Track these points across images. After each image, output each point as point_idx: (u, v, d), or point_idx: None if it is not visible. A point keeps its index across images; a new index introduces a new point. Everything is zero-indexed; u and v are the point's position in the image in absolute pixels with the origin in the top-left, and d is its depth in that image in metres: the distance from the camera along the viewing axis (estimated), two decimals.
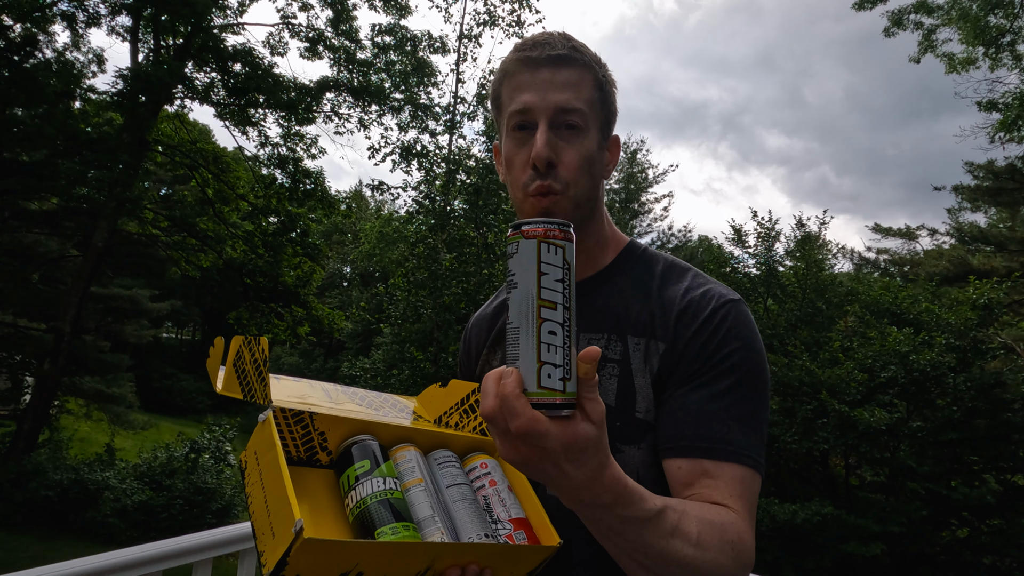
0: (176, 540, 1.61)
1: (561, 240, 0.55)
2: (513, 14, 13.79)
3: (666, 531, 0.63)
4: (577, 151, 0.87)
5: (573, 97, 0.86)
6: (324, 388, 0.99)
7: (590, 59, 0.90)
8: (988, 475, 10.26)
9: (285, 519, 0.64)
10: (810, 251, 13.81)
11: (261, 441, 0.76)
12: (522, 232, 0.55)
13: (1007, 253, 15.52)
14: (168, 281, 22.28)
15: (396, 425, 0.88)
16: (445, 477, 0.85)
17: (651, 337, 0.87)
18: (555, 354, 0.53)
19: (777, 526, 9.17)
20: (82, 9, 12.89)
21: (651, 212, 29.59)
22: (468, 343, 1.15)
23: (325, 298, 28.78)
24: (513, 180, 0.91)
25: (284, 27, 14.57)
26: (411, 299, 11.70)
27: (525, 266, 0.54)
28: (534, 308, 0.53)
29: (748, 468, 0.78)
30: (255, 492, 0.74)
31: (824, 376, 10.04)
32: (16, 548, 9.63)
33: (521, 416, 0.52)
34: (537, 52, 0.87)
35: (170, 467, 11.93)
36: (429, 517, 0.76)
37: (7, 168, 12.23)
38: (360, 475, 0.78)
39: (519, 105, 0.87)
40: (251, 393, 0.81)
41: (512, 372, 0.54)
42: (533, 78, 0.87)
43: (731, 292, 0.89)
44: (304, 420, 0.82)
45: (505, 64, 0.91)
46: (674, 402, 0.82)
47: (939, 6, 10.56)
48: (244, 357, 0.83)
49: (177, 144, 14.46)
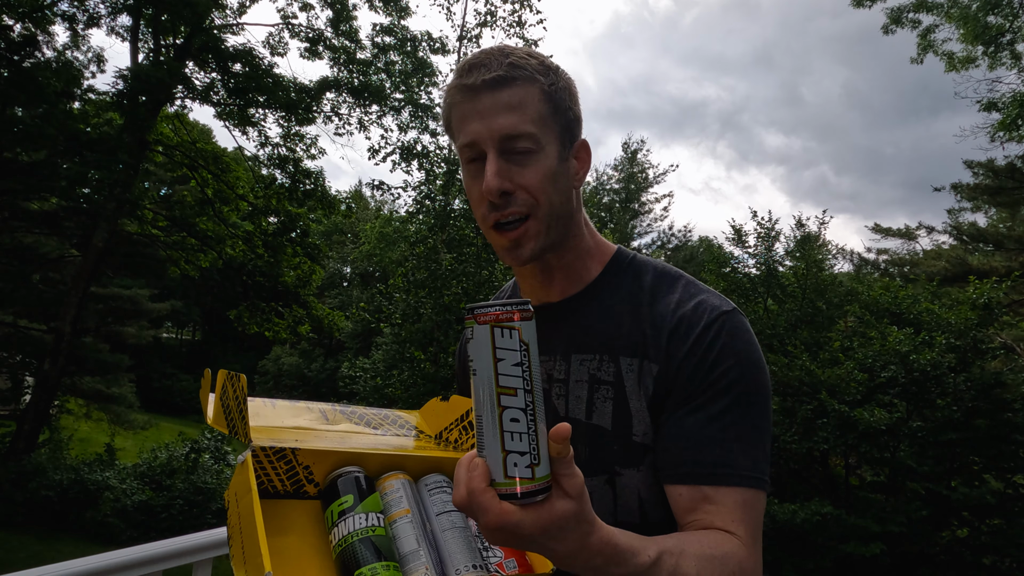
0: (176, 540, 1.61)
1: (517, 321, 0.53)
2: (514, 14, 13.80)
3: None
4: (534, 172, 0.82)
5: (518, 120, 0.81)
6: (322, 409, 0.98)
7: (532, 71, 0.82)
8: (988, 475, 10.26)
9: (256, 568, 0.63)
10: (810, 251, 13.80)
11: (240, 483, 0.75)
12: (475, 317, 0.54)
13: (1006, 252, 15.53)
14: (168, 281, 22.29)
15: (384, 453, 0.86)
16: (435, 504, 0.83)
17: (644, 358, 0.84)
18: (519, 442, 0.52)
19: (777, 526, 9.16)
20: (82, 9, 12.89)
21: (651, 212, 29.60)
22: (464, 357, 1.12)
23: (325, 298, 28.78)
24: (476, 215, 0.88)
25: (284, 27, 14.58)
26: (411, 299, 11.71)
27: (481, 353, 0.53)
28: (493, 397, 0.52)
29: (750, 489, 0.76)
30: (235, 535, 0.73)
31: (824, 376, 10.04)
32: (16, 548, 9.63)
33: (489, 512, 0.52)
34: (473, 78, 0.81)
35: (170, 467, 11.94)
36: (414, 551, 0.75)
37: (7, 168, 12.23)
38: (343, 511, 0.76)
39: (467, 138, 0.83)
40: (234, 430, 0.80)
41: (479, 464, 0.53)
42: (474, 107, 0.82)
43: (724, 302, 0.86)
44: (287, 456, 0.80)
45: (449, 92, 0.86)
46: (671, 427, 0.81)
47: (937, 4, 10.56)
48: (228, 392, 0.82)
49: (177, 144, 14.46)
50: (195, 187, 15.02)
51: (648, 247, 29.18)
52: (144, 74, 12.15)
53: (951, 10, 10.31)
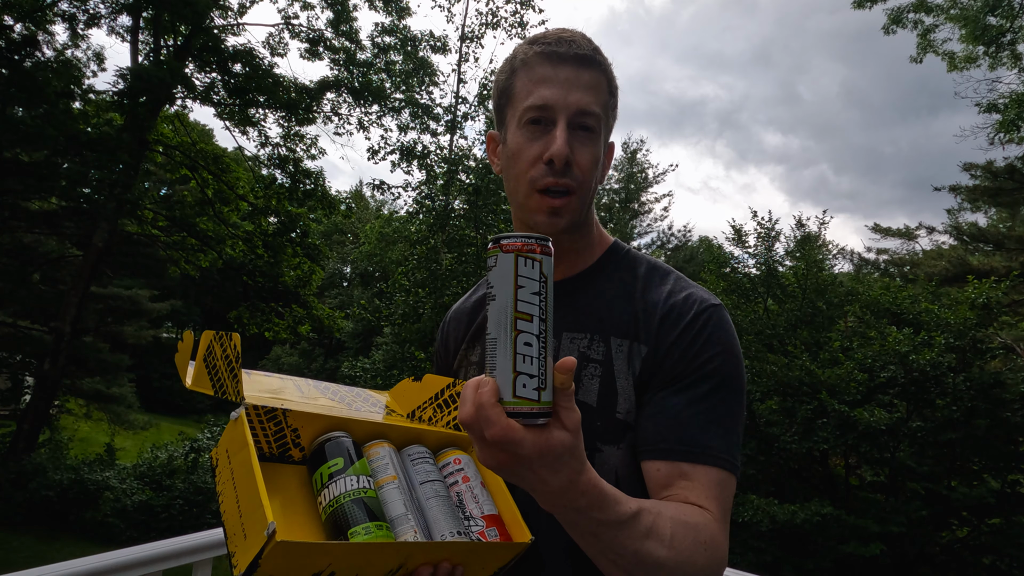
0: (176, 540, 1.61)
1: (539, 254, 0.56)
2: (516, 15, 13.79)
3: (640, 533, 0.65)
4: (590, 153, 0.88)
5: (593, 100, 0.87)
6: (296, 383, 0.98)
7: (607, 64, 0.90)
8: (987, 475, 10.26)
9: (258, 521, 0.63)
10: (810, 251, 13.80)
11: (233, 439, 0.75)
12: (501, 246, 0.56)
13: (1006, 252, 15.52)
14: (168, 281, 22.27)
15: (370, 421, 0.88)
16: (419, 473, 0.85)
17: (634, 339, 0.88)
18: (530, 365, 0.54)
19: (777, 526, 9.16)
20: (82, 9, 12.89)
21: (651, 212, 29.59)
22: (446, 337, 1.14)
23: (325, 298, 28.79)
24: (518, 173, 0.90)
25: (284, 28, 14.58)
26: (411, 299, 11.71)
27: (503, 279, 0.55)
28: (511, 320, 0.55)
29: (724, 471, 0.80)
30: (226, 491, 0.74)
31: (824, 376, 10.04)
32: (16, 548, 9.63)
33: (495, 424, 0.54)
34: (564, 48, 0.86)
35: (170, 467, 11.94)
36: (402, 515, 0.77)
37: (7, 168, 12.23)
38: (333, 473, 0.77)
39: (538, 100, 0.86)
40: (222, 389, 0.80)
41: (489, 382, 0.55)
42: (555, 74, 0.86)
43: (712, 297, 0.90)
44: (277, 417, 0.81)
45: (522, 54, 0.90)
46: (655, 405, 0.84)
47: (938, 5, 10.56)
48: (215, 352, 0.83)
49: (177, 144, 14.46)
50: (195, 187, 15.02)
51: (648, 247, 29.18)
52: (144, 74, 12.15)
53: (951, 11, 10.31)
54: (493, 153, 1.00)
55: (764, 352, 11.42)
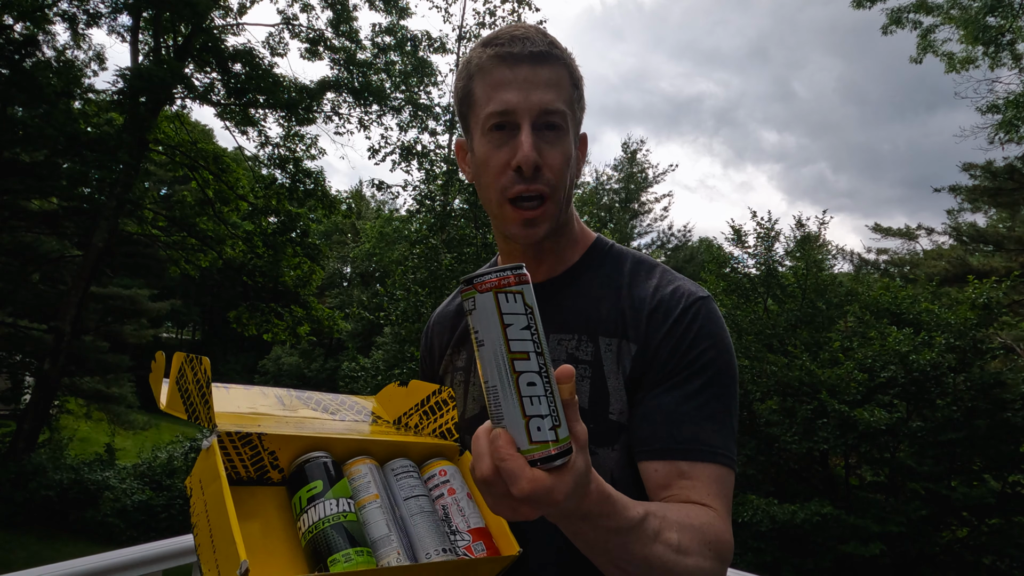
0: (176, 540, 1.61)
1: (516, 285, 0.52)
2: (514, 14, 13.79)
3: (648, 538, 0.63)
4: (560, 152, 0.84)
5: (555, 97, 0.83)
6: (277, 395, 0.96)
7: (567, 56, 0.86)
8: (988, 475, 10.26)
9: (231, 557, 0.62)
10: (810, 251, 13.80)
11: (205, 470, 0.73)
12: (475, 287, 0.52)
13: (1006, 253, 15.53)
14: (168, 281, 22.27)
15: (350, 438, 0.85)
16: (403, 489, 0.83)
17: (623, 338, 0.86)
18: (539, 405, 0.51)
19: (776, 526, 9.16)
20: (82, 9, 12.89)
21: (651, 212, 29.58)
22: (430, 342, 1.11)
23: (325, 298, 28.78)
24: (488, 182, 0.86)
25: (284, 27, 14.58)
26: (411, 299, 11.71)
27: (487, 321, 0.52)
28: (506, 364, 0.51)
29: (723, 467, 0.79)
30: (200, 523, 0.72)
31: (824, 376, 10.04)
32: (16, 548, 9.63)
33: (522, 479, 0.50)
34: (519, 48, 0.82)
35: (170, 467, 11.94)
36: (385, 536, 0.75)
37: (7, 168, 12.23)
38: (312, 497, 0.75)
39: (499, 105, 0.82)
40: (195, 415, 0.78)
41: (501, 434, 0.51)
42: (513, 75, 0.82)
43: (700, 289, 0.89)
44: (252, 441, 0.79)
45: (477, 59, 0.86)
46: (648, 404, 0.82)
47: (938, 5, 10.56)
48: (186, 376, 0.80)
49: (177, 144, 14.46)
50: (195, 187, 15.02)
51: (648, 247, 29.16)
52: (144, 74, 12.15)
53: (951, 11, 10.31)
54: (463, 161, 0.96)
55: (764, 352, 11.41)
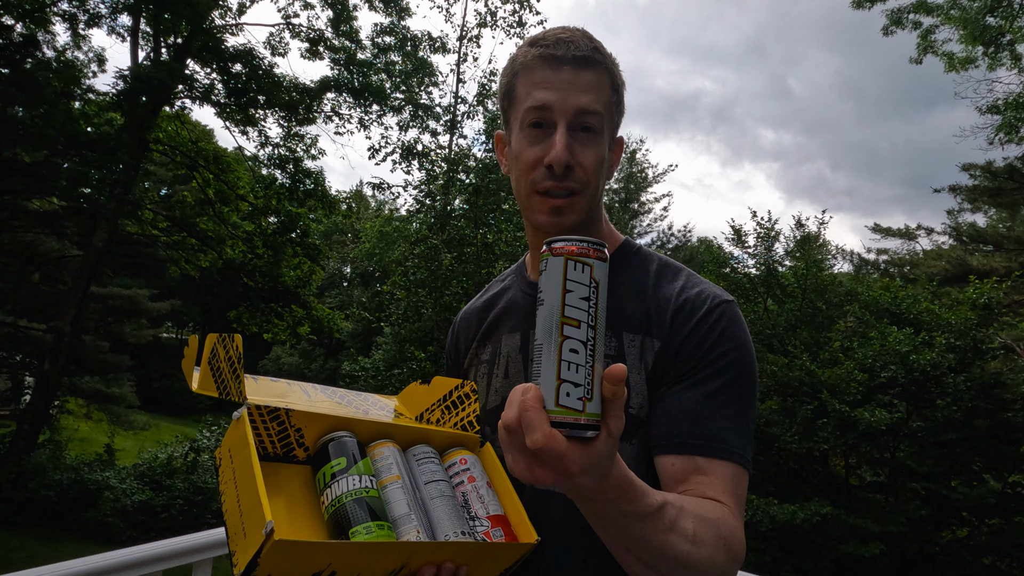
0: (176, 540, 1.61)
1: (591, 258, 0.53)
2: (514, 15, 13.80)
3: (665, 526, 0.64)
4: (593, 153, 0.88)
5: (594, 100, 0.86)
6: (303, 387, 0.98)
7: (609, 61, 0.90)
8: (988, 475, 10.26)
9: (256, 519, 0.63)
10: (809, 251, 13.81)
11: (235, 439, 0.75)
12: (551, 249, 0.54)
13: (1006, 253, 15.53)
14: (168, 281, 22.24)
15: (374, 421, 0.88)
16: (424, 473, 0.85)
17: (646, 334, 0.88)
18: (575, 373, 0.51)
19: (776, 526, 9.16)
20: (82, 9, 12.89)
21: (651, 212, 29.58)
22: (456, 337, 1.14)
23: (325, 298, 28.78)
24: (520, 175, 0.91)
25: (285, 27, 14.58)
26: (411, 299, 11.71)
27: (551, 283, 0.53)
28: (557, 325, 0.52)
29: (738, 465, 0.80)
30: (228, 490, 0.74)
31: (824, 376, 10.05)
32: (16, 548, 9.63)
33: (538, 430, 0.50)
34: (562, 51, 0.86)
35: (170, 467, 11.94)
36: (405, 515, 0.76)
37: (7, 168, 12.22)
38: (336, 473, 0.77)
39: (537, 102, 0.86)
40: (226, 391, 0.80)
41: (532, 388, 0.52)
42: (555, 77, 0.86)
43: (724, 293, 0.91)
44: (280, 417, 0.81)
45: (522, 57, 0.90)
46: (669, 400, 0.84)
47: (938, 6, 10.55)
48: (219, 355, 0.82)
49: (177, 144, 14.46)
50: (195, 187, 15.02)
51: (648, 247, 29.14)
52: (144, 74, 12.15)
53: (951, 11, 10.30)
54: (501, 153, 1.01)
55: (764, 352, 11.42)
